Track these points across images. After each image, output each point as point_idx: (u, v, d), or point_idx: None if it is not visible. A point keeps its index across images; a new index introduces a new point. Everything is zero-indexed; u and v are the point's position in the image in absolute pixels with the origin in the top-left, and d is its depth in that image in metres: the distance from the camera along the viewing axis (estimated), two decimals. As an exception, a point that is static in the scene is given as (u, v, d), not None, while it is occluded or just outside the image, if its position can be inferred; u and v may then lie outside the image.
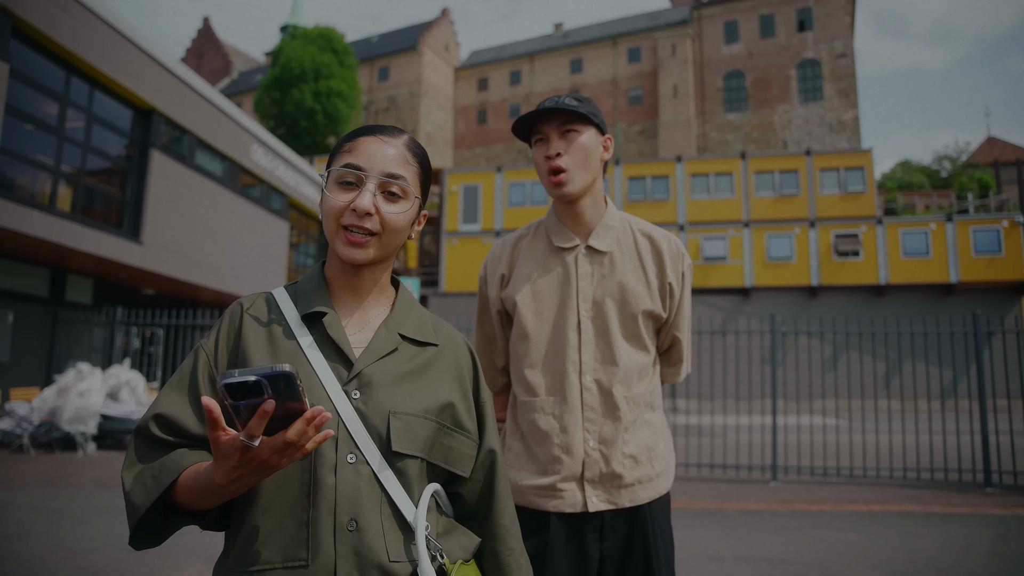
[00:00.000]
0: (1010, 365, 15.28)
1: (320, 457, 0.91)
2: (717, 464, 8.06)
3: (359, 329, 1.04)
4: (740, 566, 4.31)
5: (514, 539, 1.10)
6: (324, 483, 0.91)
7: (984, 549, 4.80)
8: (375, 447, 0.94)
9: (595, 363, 1.51)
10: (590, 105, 1.55)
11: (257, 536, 0.91)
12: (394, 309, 1.07)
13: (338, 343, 0.99)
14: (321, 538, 0.89)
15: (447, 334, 1.11)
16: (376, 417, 0.95)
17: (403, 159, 1.03)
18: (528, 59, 47.79)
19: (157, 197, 12.40)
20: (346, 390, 0.95)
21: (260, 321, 1.01)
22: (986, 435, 7.19)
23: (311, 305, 1.01)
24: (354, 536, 0.90)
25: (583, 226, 1.58)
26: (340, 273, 1.05)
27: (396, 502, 0.94)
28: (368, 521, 0.91)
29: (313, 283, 1.05)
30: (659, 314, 1.56)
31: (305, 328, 1.00)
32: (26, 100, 9.94)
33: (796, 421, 11.05)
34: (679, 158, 25.13)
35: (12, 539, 4.57)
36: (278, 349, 0.97)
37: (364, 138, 1.02)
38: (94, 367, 9.86)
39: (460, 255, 26.04)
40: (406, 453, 0.95)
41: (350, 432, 0.93)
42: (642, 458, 1.51)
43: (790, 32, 40.28)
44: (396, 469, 0.95)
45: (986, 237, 22.32)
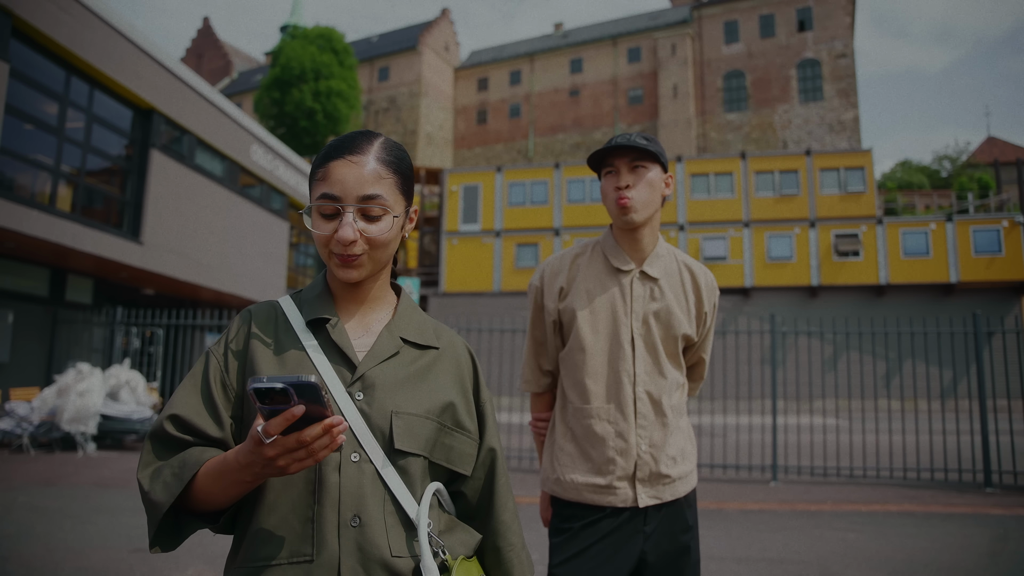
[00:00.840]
0: (1010, 365, 15.28)
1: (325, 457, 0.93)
2: (717, 464, 8.06)
3: (362, 334, 1.07)
4: (740, 566, 4.31)
5: (515, 535, 1.13)
6: (328, 481, 0.94)
7: (984, 549, 4.80)
8: (378, 446, 0.97)
9: (646, 376, 1.69)
10: (657, 145, 1.73)
11: (263, 533, 0.94)
12: (396, 314, 1.10)
13: (342, 347, 1.02)
14: (325, 534, 0.92)
15: (448, 338, 1.14)
16: (379, 417, 0.98)
17: (376, 176, 1.02)
18: (528, 59, 47.78)
19: (157, 197, 12.40)
20: (350, 392, 0.99)
21: (267, 327, 1.05)
22: (986, 435, 7.19)
23: (315, 312, 1.05)
24: (357, 532, 0.93)
25: (639, 252, 1.76)
26: (341, 286, 1.09)
27: (399, 499, 0.97)
28: (371, 517, 0.94)
29: (317, 291, 1.09)
30: (692, 338, 1.77)
31: (310, 333, 1.04)
32: (26, 100, 9.94)
33: (796, 421, 11.05)
34: (679, 158, 25.12)
35: (12, 539, 4.57)
36: (284, 353, 1.01)
37: (334, 163, 1.01)
38: (94, 367, 9.86)
39: (460, 255, 26.03)
40: (408, 451, 0.99)
41: (354, 432, 0.96)
42: (679, 458, 1.70)
43: (790, 32, 40.28)
44: (399, 467, 0.98)
45: (986, 237, 22.32)
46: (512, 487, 1.17)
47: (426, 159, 45.46)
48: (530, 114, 46.99)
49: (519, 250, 25.47)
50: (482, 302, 24.96)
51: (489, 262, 25.68)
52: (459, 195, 26.44)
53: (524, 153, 46.61)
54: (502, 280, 25.39)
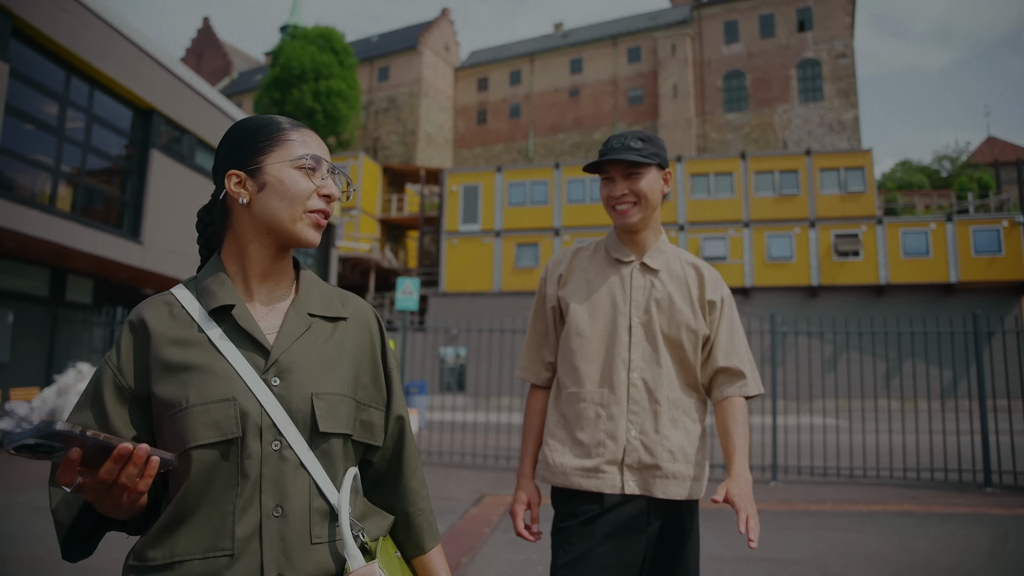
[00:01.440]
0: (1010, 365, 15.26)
1: (246, 449, 0.92)
2: (717, 464, 8.06)
3: (266, 312, 1.04)
4: (740, 566, 4.31)
5: (423, 500, 1.12)
6: (250, 473, 0.92)
7: (984, 549, 4.80)
8: (298, 433, 0.95)
9: (643, 363, 1.68)
10: (653, 145, 1.72)
11: (179, 528, 0.91)
12: (299, 290, 1.08)
13: (251, 332, 0.99)
14: (247, 526, 0.91)
15: (353, 305, 1.13)
16: (299, 401, 0.96)
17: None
18: (528, 59, 47.78)
19: (157, 197, 12.40)
20: (265, 378, 0.96)
21: (163, 323, 1.00)
22: (986, 435, 7.19)
23: (216, 300, 1.00)
24: (280, 522, 0.92)
25: (640, 248, 1.78)
26: (258, 260, 1.04)
27: (320, 487, 0.96)
28: (293, 506, 0.93)
29: (214, 276, 1.03)
30: (701, 328, 1.72)
31: (213, 322, 0.99)
32: (26, 100, 9.94)
33: (796, 421, 11.05)
34: (679, 158, 25.13)
35: (12, 539, 4.57)
36: (187, 346, 0.97)
37: (305, 129, 1.08)
38: (94, 367, 9.86)
39: (460, 255, 26.03)
40: (332, 432, 0.97)
41: (273, 420, 0.94)
42: (678, 455, 1.66)
43: (790, 32, 40.28)
44: (321, 451, 0.97)
45: (986, 237, 22.33)
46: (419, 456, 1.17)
47: (426, 159, 45.46)
48: (530, 114, 46.99)
49: (519, 250, 25.48)
50: (482, 302, 24.96)
51: (489, 262, 25.68)
52: (459, 195, 26.44)
53: (524, 153, 46.61)
54: (502, 280, 25.39)
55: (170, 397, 0.94)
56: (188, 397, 0.93)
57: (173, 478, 0.95)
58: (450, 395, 21.58)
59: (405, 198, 33.00)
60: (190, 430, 0.91)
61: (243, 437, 0.92)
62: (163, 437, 0.94)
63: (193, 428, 0.91)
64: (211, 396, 0.93)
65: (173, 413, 0.93)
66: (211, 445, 0.91)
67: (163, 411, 0.94)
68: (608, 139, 1.74)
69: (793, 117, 39.76)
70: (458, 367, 23.46)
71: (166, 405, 0.94)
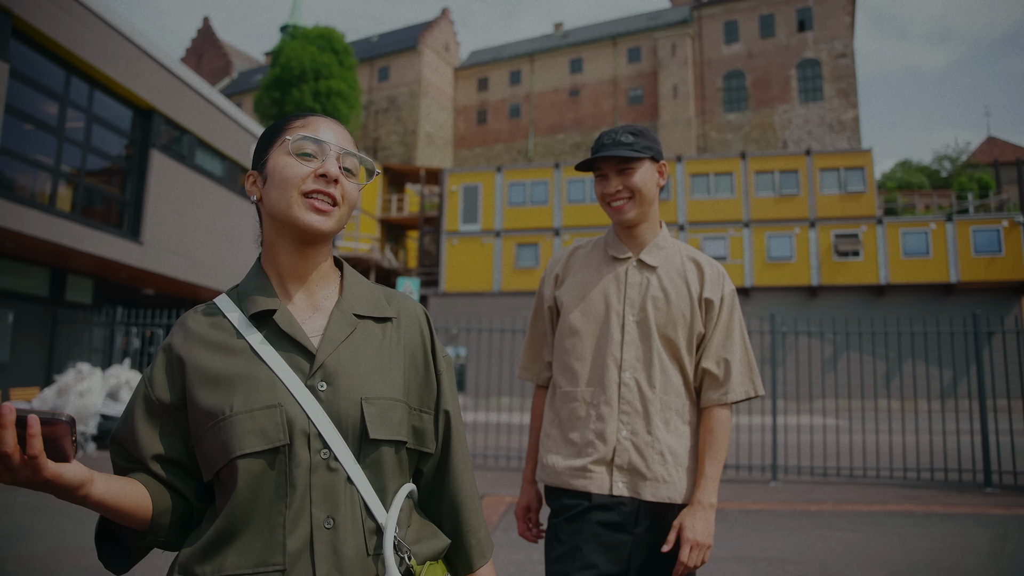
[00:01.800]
0: (1010, 365, 15.26)
1: (294, 457, 0.88)
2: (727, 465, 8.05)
3: (310, 315, 1.00)
4: (740, 566, 4.31)
5: (472, 514, 1.05)
6: (299, 483, 0.88)
7: (984, 549, 4.80)
8: (349, 440, 0.91)
9: (635, 362, 1.65)
10: (645, 138, 1.69)
11: (227, 543, 0.88)
12: (343, 289, 1.03)
13: (294, 336, 0.94)
14: (298, 539, 0.87)
15: (399, 303, 1.07)
16: (348, 406, 0.92)
17: (351, 141, 1.04)
18: (528, 59, 47.78)
19: (157, 197, 12.40)
20: (311, 384, 0.92)
21: (203, 333, 0.97)
22: (986, 435, 7.18)
23: (257, 305, 0.96)
24: (331, 533, 0.88)
25: (638, 244, 1.75)
26: (287, 260, 1.00)
27: (367, 502, 0.91)
28: (345, 518, 0.89)
29: (255, 282, 1.00)
30: (699, 327, 1.68)
31: (253, 327, 0.96)
32: (26, 100, 9.94)
33: (796, 421, 11.05)
34: (679, 158, 25.13)
35: (12, 539, 4.57)
36: (228, 355, 0.94)
37: (318, 117, 1.02)
38: (94, 367, 9.85)
39: (460, 255, 26.03)
40: (383, 439, 0.93)
41: (319, 429, 0.90)
42: (668, 458, 1.62)
43: (790, 32, 40.28)
44: (371, 460, 0.92)
45: (986, 237, 22.33)
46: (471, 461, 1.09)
47: (426, 159, 45.46)
48: (530, 114, 46.99)
49: (519, 250, 25.47)
50: (482, 302, 24.96)
51: (489, 262, 25.68)
52: (459, 195, 26.43)
53: (524, 153, 46.61)
54: (502, 280, 25.39)
55: (212, 407, 0.90)
56: (232, 405, 0.89)
57: (219, 491, 0.91)
58: (450, 395, 21.55)
59: (405, 198, 33.00)
60: (235, 439, 0.87)
61: (291, 445, 0.88)
62: (204, 449, 0.90)
63: (239, 437, 0.87)
64: (256, 403, 0.89)
65: (216, 423, 0.89)
66: (258, 454, 0.87)
67: (204, 422, 0.90)
68: (599, 136, 1.71)
69: (793, 117, 39.76)
70: (458, 367, 23.45)
71: (208, 415, 0.90)
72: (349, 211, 1.01)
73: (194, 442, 0.93)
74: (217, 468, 0.89)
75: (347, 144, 1.01)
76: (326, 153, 0.98)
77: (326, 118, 1.03)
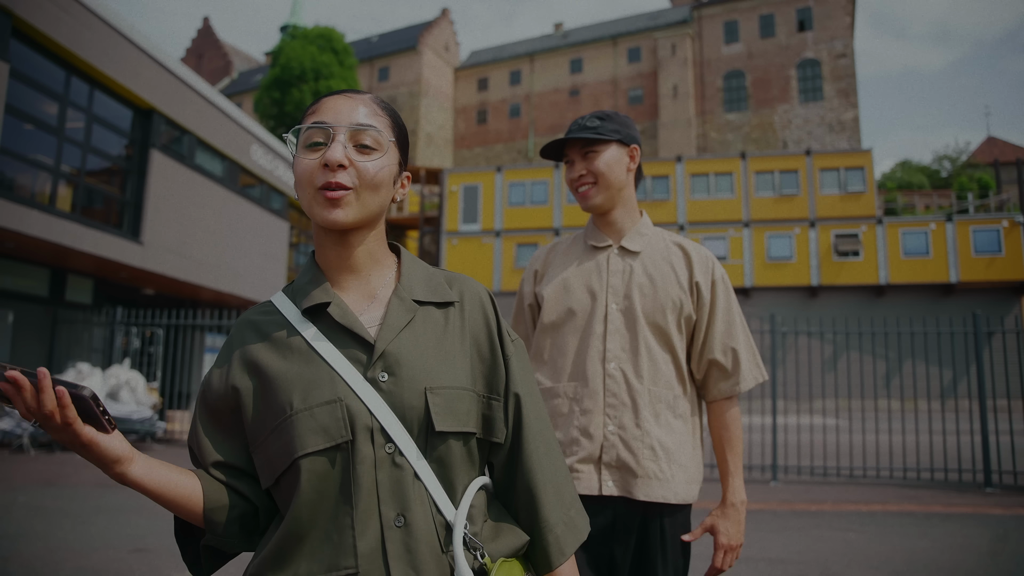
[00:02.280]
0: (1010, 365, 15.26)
1: (357, 454, 0.85)
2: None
3: (367, 304, 0.96)
4: (740, 566, 4.31)
5: (550, 508, 0.95)
6: (364, 481, 0.84)
7: (984, 549, 4.80)
8: (414, 433, 0.87)
9: (621, 352, 1.57)
10: (612, 121, 1.64)
11: (295, 547, 0.85)
12: (401, 275, 0.98)
13: (350, 327, 0.91)
14: (369, 539, 0.83)
15: (462, 285, 1.01)
16: (412, 396, 0.87)
17: (372, 111, 0.95)
18: (528, 59, 47.78)
19: (157, 197, 12.40)
20: (371, 377, 0.88)
21: (263, 329, 0.95)
22: (986, 435, 7.19)
23: (310, 298, 0.93)
24: (403, 532, 0.84)
25: (617, 232, 1.69)
26: (332, 253, 0.96)
27: (435, 497, 0.87)
28: (416, 514, 0.85)
29: (308, 276, 0.97)
30: (688, 311, 1.60)
31: (308, 322, 0.93)
32: (26, 100, 9.94)
33: (796, 421, 11.05)
34: (679, 158, 25.13)
35: (12, 539, 4.57)
36: (285, 351, 0.91)
37: (328, 97, 0.96)
38: (94, 367, 9.86)
39: (460, 255, 26.03)
40: (450, 431, 0.88)
41: (381, 422, 0.86)
42: (660, 453, 1.53)
43: (790, 32, 40.28)
44: (438, 454, 0.88)
45: (986, 237, 22.33)
46: (558, 445, 1.01)
47: (426, 159, 45.46)
48: (530, 114, 46.99)
49: (519, 250, 25.47)
50: (482, 302, 24.98)
51: (489, 262, 25.69)
52: (459, 195, 26.44)
53: (524, 153, 46.60)
54: (502, 280, 25.39)
55: (272, 407, 0.88)
56: (292, 403, 0.86)
57: (281, 497, 0.89)
58: (450, 395, 21.58)
59: (405, 198, 33.01)
60: (297, 439, 0.84)
61: (353, 441, 0.85)
62: (267, 454, 0.88)
63: (300, 436, 0.84)
64: (316, 400, 0.86)
65: (278, 424, 0.86)
66: (320, 452, 0.84)
67: (267, 423, 0.88)
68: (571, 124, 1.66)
69: (793, 117, 39.76)
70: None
71: (271, 415, 0.88)
72: (373, 191, 0.93)
73: (254, 448, 0.91)
74: (279, 472, 0.86)
75: (362, 117, 0.93)
76: (333, 136, 0.91)
77: (339, 94, 0.96)
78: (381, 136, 0.94)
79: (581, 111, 45.33)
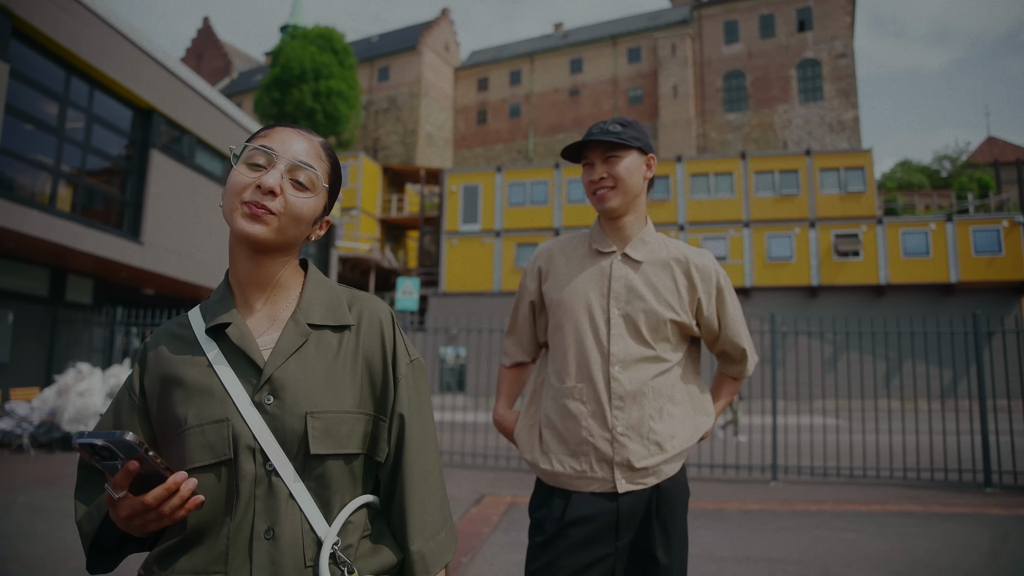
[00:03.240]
0: (1010, 365, 15.27)
1: (240, 470, 0.91)
2: (717, 464, 8.06)
3: (268, 327, 1.01)
4: (740, 566, 4.31)
5: (418, 525, 0.98)
6: (243, 494, 0.91)
7: (984, 549, 4.80)
8: (291, 455, 0.93)
9: (624, 355, 1.64)
10: (633, 129, 1.69)
11: (177, 549, 0.93)
12: (301, 298, 1.02)
13: (245, 350, 0.96)
14: (239, 548, 0.90)
15: (361, 306, 1.05)
16: (292, 420, 0.93)
17: (316, 153, 1.02)
18: (528, 59, 47.78)
19: (157, 197, 12.40)
20: (258, 399, 0.93)
21: (171, 346, 1.00)
22: (986, 435, 7.19)
23: (215, 317, 0.99)
24: (271, 544, 0.90)
25: (623, 238, 1.74)
26: (243, 268, 1.01)
27: (308, 516, 0.92)
28: (285, 529, 0.91)
29: (219, 294, 1.03)
30: (687, 324, 1.70)
31: (212, 342, 0.98)
32: (26, 100, 9.94)
33: (796, 421, 11.05)
34: (679, 158, 25.13)
35: (12, 539, 4.57)
36: (190, 368, 0.97)
37: (281, 128, 1.02)
38: (94, 367, 9.86)
39: (460, 255, 26.03)
40: (327, 453, 0.94)
41: (261, 444, 0.92)
42: (666, 445, 1.63)
43: (790, 32, 40.28)
44: (316, 474, 0.94)
45: (986, 237, 22.33)
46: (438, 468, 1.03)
47: (426, 159, 45.46)
48: (530, 114, 46.99)
49: (519, 250, 25.48)
50: (482, 302, 24.96)
51: (489, 262, 25.69)
52: (459, 195, 26.44)
53: (524, 153, 46.61)
54: (502, 280, 25.40)
55: (172, 418, 0.95)
56: (187, 418, 0.93)
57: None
58: (450, 395, 21.58)
59: (405, 198, 33.00)
60: (188, 451, 0.91)
61: (236, 459, 0.91)
62: (168, 458, 0.95)
63: (190, 449, 0.91)
64: (207, 418, 0.92)
65: (177, 434, 0.93)
66: (206, 467, 0.91)
67: (168, 431, 0.95)
68: (590, 127, 1.71)
69: (793, 117, 39.76)
70: (458, 367, 23.45)
71: (171, 425, 0.95)
72: (295, 223, 0.99)
73: (160, 448, 0.97)
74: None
75: (304, 156, 1.00)
76: (274, 164, 0.98)
77: (292, 129, 1.02)
78: (316, 179, 1.01)
79: (581, 111, 45.34)
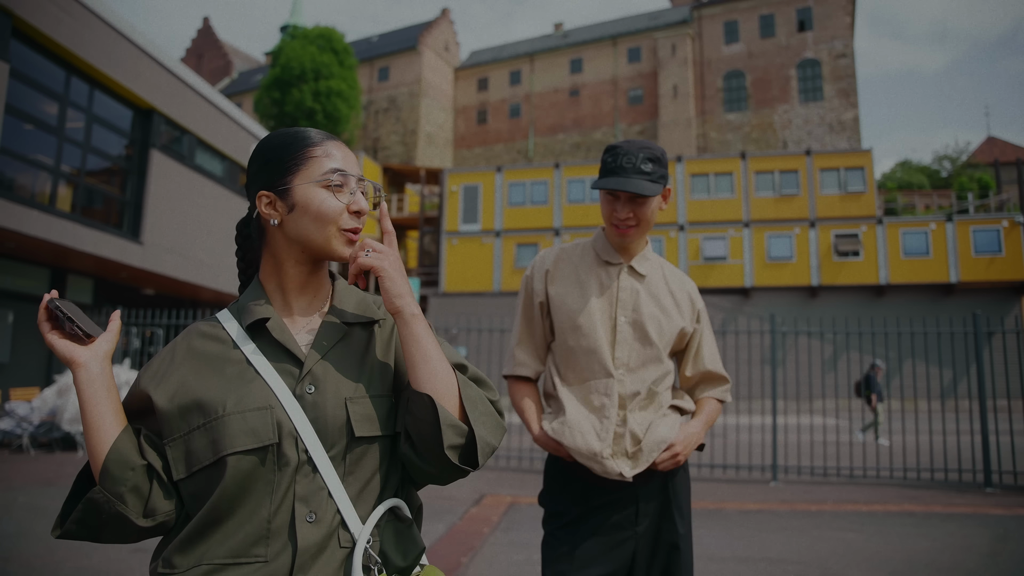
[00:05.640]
0: (1010, 365, 15.27)
1: (282, 457, 0.93)
2: (717, 464, 8.06)
3: (305, 324, 1.06)
4: (740, 566, 4.31)
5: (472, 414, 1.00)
6: (284, 480, 0.93)
7: (984, 549, 4.80)
8: (329, 445, 0.96)
9: (629, 359, 1.75)
10: (661, 166, 1.74)
11: (209, 534, 0.92)
12: (334, 298, 1.10)
13: (285, 344, 1.01)
14: (279, 533, 0.92)
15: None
16: (334, 407, 0.97)
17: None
18: (528, 59, 47.77)
19: (157, 197, 12.40)
20: (299, 389, 0.97)
21: (204, 340, 1.03)
22: (986, 435, 7.19)
23: (252, 315, 1.02)
24: (313, 528, 0.92)
25: (628, 253, 1.85)
26: (294, 274, 1.06)
27: (341, 508, 0.94)
28: (326, 513, 0.93)
29: (253, 295, 1.07)
30: (687, 331, 1.82)
31: (248, 338, 1.02)
32: (26, 100, 9.94)
33: (796, 421, 11.05)
34: (679, 158, 25.12)
35: (12, 539, 4.57)
36: (225, 364, 0.99)
37: (332, 142, 1.07)
38: (94, 367, 9.83)
39: (460, 255, 26.02)
40: (369, 435, 0.98)
41: (301, 435, 0.94)
42: (665, 445, 1.72)
43: (790, 32, 40.27)
44: (357, 456, 0.97)
45: (986, 237, 22.32)
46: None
47: (426, 159, 45.45)
48: (530, 114, 46.98)
49: (519, 250, 25.47)
50: (482, 302, 24.96)
51: (489, 262, 25.68)
52: (459, 195, 26.43)
53: (524, 153, 46.60)
54: (502, 280, 25.39)
55: (202, 407, 0.95)
56: (225, 406, 0.94)
57: (191, 489, 0.95)
58: (450, 395, 21.55)
59: (405, 198, 33.00)
60: (227, 437, 0.92)
61: (279, 444, 0.93)
62: (187, 447, 0.94)
63: (230, 435, 0.92)
64: (249, 405, 0.94)
65: (208, 422, 0.94)
66: (248, 452, 0.92)
67: (192, 421, 0.95)
68: (616, 152, 1.74)
69: (793, 117, 39.75)
70: (458, 367, 23.44)
71: (198, 414, 0.95)
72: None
73: (170, 441, 0.96)
74: (199, 466, 0.93)
75: (360, 172, 1.08)
76: (350, 184, 1.04)
77: (336, 141, 1.07)
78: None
79: (581, 111, 45.33)
